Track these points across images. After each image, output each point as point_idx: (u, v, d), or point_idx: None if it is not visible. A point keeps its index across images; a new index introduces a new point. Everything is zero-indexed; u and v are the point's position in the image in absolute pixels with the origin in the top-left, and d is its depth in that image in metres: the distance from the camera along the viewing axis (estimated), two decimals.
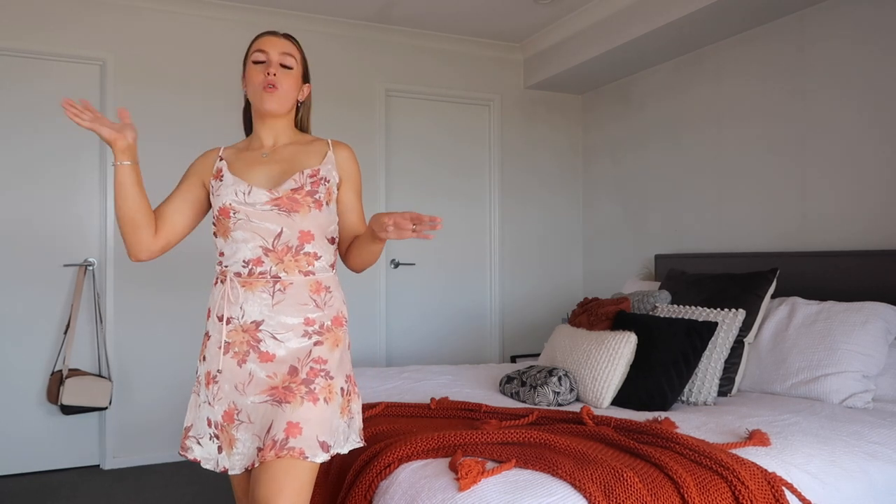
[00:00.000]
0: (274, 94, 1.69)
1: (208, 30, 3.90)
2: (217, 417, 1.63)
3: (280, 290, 1.62)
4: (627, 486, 1.52)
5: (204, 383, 1.67)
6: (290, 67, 1.74)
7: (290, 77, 1.74)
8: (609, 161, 4.62)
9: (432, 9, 4.00)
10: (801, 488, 1.72)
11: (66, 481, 3.46)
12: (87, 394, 3.45)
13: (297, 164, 1.71)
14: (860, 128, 3.01)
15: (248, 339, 1.61)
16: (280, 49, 1.73)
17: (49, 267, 3.61)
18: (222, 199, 1.65)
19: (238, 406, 1.61)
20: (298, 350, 1.62)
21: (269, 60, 1.71)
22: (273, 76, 1.69)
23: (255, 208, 1.63)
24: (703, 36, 3.64)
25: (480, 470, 1.59)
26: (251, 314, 1.61)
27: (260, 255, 1.62)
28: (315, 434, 1.54)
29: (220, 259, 1.69)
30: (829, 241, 3.13)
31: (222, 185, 1.67)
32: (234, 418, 1.61)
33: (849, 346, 2.48)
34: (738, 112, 3.60)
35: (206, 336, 1.69)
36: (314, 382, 1.59)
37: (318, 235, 1.67)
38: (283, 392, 1.58)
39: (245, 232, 1.63)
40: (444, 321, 4.50)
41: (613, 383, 2.49)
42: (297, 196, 1.63)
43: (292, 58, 1.74)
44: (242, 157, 1.74)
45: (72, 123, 3.66)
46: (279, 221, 1.63)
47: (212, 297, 1.70)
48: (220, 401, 1.63)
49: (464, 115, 4.59)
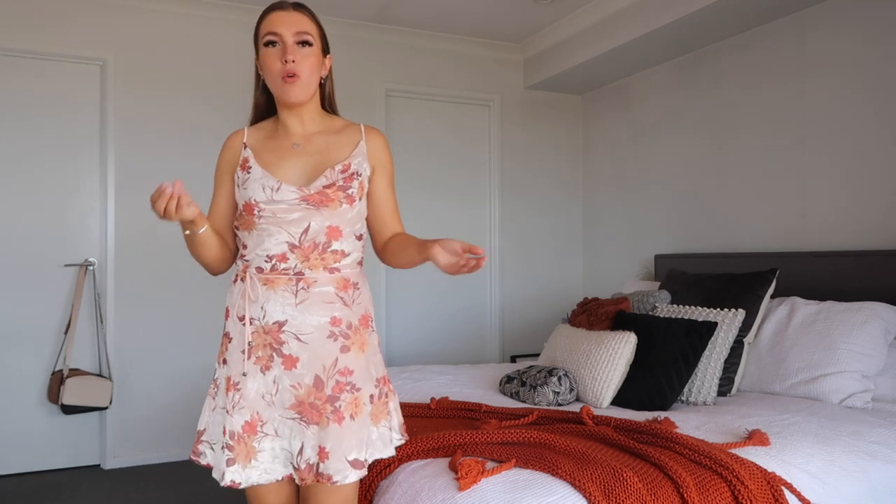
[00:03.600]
0: (296, 83, 1.54)
1: (208, 30, 3.90)
2: (236, 428, 1.50)
3: (304, 288, 1.51)
4: (627, 486, 1.53)
5: (223, 388, 1.55)
6: (309, 44, 1.56)
7: (310, 56, 1.56)
8: (609, 161, 4.62)
9: (432, 9, 4.00)
10: (801, 488, 1.72)
11: (66, 481, 3.46)
12: (88, 393, 3.45)
13: (329, 156, 1.59)
14: (860, 127, 3.01)
15: (270, 341, 1.51)
16: (294, 27, 1.55)
17: (49, 267, 3.61)
18: (248, 193, 1.54)
19: (263, 417, 1.51)
20: (322, 355, 1.51)
21: (284, 43, 1.54)
22: (292, 63, 1.53)
23: (283, 205, 1.52)
24: (702, 36, 3.64)
25: (480, 470, 1.59)
26: (273, 314, 1.51)
27: (285, 250, 1.52)
28: (343, 455, 1.47)
29: (243, 253, 1.58)
30: (828, 241, 3.14)
31: (249, 178, 1.56)
32: (258, 430, 1.50)
33: (848, 346, 2.48)
34: (737, 112, 3.60)
35: (225, 337, 1.58)
36: (339, 399, 1.50)
37: (347, 232, 1.56)
38: (310, 410, 1.49)
39: (272, 226, 1.52)
40: (444, 321, 4.50)
41: (613, 383, 2.49)
42: (328, 192, 1.53)
43: (309, 34, 1.56)
44: (270, 147, 1.61)
45: (72, 123, 3.66)
46: (307, 216, 1.52)
47: (230, 296, 1.59)
48: (240, 410, 1.50)
49: (464, 115, 4.59)
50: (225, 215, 1.65)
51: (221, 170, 1.65)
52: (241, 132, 1.66)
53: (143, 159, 3.77)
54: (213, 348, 3.87)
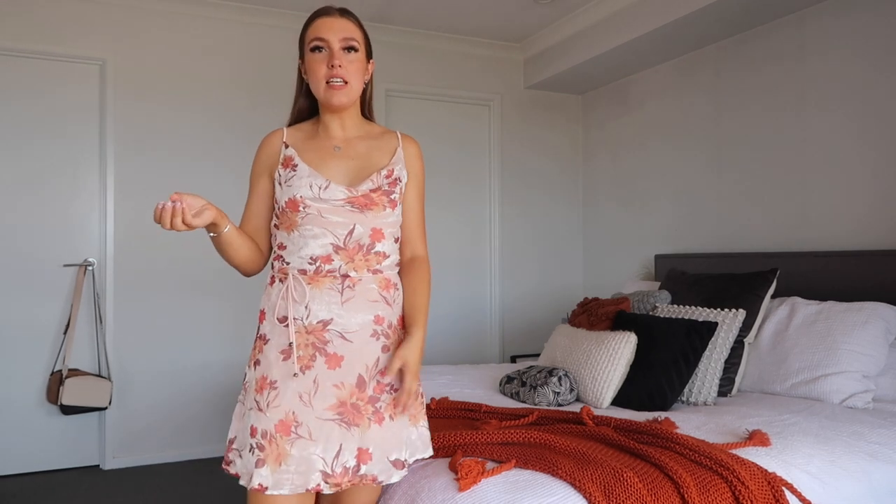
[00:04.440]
0: (343, 89, 1.57)
1: (208, 30, 3.90)
2: (268, 426, 1.46)
3: (349, 286, 1.52)
4: (627, 486, 1.52)
5: (253, 388, 1.51)
6: (355, 50, 1.60)
7: (356, 62, 1.60)
8: (609, 161, 4.62)
9: (432, 9, 4.00)
10: (801, 488, 1.72)
11: (66, 481, 3.46)
12: (87, 394, 3.45)
13: (372, 161, 1.62)
14: (861, 127, 3.01)
15: (313, 340, 1.50)
16: (341, 34, 1.58)
17: (49, 267, 3.61)
18: (294, 190, 1.54)
19: (298, 419, 1.47)
20: (366, 354, 1.53)
21: (331, 49, 1.57)
22: (339, 68, 1.56)
23: (329, 204, 1.53)
24: (703, 36, 3.64)
25: (480, 470, 1.59)
26: (318, 313, 1.50)
27: (330, 252, 1.52)
28: (386, 456, 1.50)
29: (280, 254, 1.57)
30: (829, 241, 3.13)
31: (295, 175, 1.55)
32: (291, 431, 1.46)
33: (849, 346, 2.48)
34: (737, 112, 3.60)
35: (260, 340, 1.55)
36: (380, 400, 1.52)
37: (388, 235, 1.59)
38: (352, 412, 1.49)
39: (316, 227, 1.53)
40: (443, 321, 4.50)
41: (613, 383, 2.49)
42: (373, 195, 1.56)
43: (355, 40, 1.60)
44: (312, 147, 1.62)
45: (71, 123, 3.66)
46: (352, 218, 1.54)
47: (267, 299, 1.57)
48: (276, 408, 1.47)
49: (464, 116, 4.59)
50: (260, 215, 1.64)
51: (258, 169, 1.65)
52: (279, 132, 1.66)
53: (143, 159, 3.76)
54: (212, 348, 3.87)
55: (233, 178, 3.85)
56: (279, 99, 3.86)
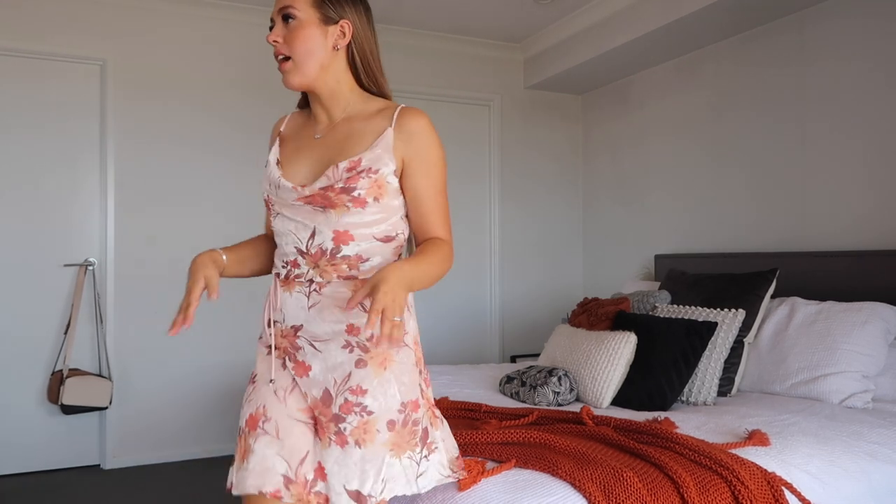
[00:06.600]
0: (287, 67, 1.37)
1: (208, 29, 3.90)
2: (241, 423, 1.39)
3: (316, 290, 1.37)
4: (627, 486, 1.52)
5: None
6: (292, 18, 1.36)
7: (297, 30, 1.36)
8: (609, 161, 4.62)
9: (432, 9, 4.00)
10: (801, 488, 1.72)
11: (66, 481, 3.46)
12: (88, 393, 3.45)
13: (343, 151, 1.37)
14: (861, 127, 3.01)
15: (286, 345, 1.41)
16: (279, 3, 1.37)
17: (49, 267, 3.61)
18: (262, 185, 1.44)
19: (268, 413, 1.37)
20: (335, 367, 1.36)
21: (273, 23, 1.39)
22: (275, 43, 1.37)
23: (287, 204, 1.39)
24: (702, 36, 3.64)
25: (480, 470, 1.59)
26: (290, 318, 1.40)
27: (296, 256, 1.39)
28: (341, 483, 1.31)
29: None
30: (828, 241, 3.13)
31: (265, 168, 1.45)
32: (258, 426, 1.36)
33: (848, 347, 2.48)
34: (737, 112, 3.60)
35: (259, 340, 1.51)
36: (346, 421, 1.33)
37: (361, 236, 1.36)
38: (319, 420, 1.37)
39: (283, 228, 1.41)
40: (444, 321, 4.50)
41: (613, 383, 2.49)
42: (328, 194, 1.34)
43: (290, 6, 1.36)
44: (297, 137, 1.48)
45: (72, 123, 3.66)
46: (313, 218, 1.36)
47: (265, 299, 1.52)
48: (249, 402, 1.41)
49: (464, 115, 4.59)
50: None
51: None
52: (283, 119, 1.55)
53: (143, 159, 3.76)
54: (212, 348, 3.87)
55: (233, 177, 3.84)
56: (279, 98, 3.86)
